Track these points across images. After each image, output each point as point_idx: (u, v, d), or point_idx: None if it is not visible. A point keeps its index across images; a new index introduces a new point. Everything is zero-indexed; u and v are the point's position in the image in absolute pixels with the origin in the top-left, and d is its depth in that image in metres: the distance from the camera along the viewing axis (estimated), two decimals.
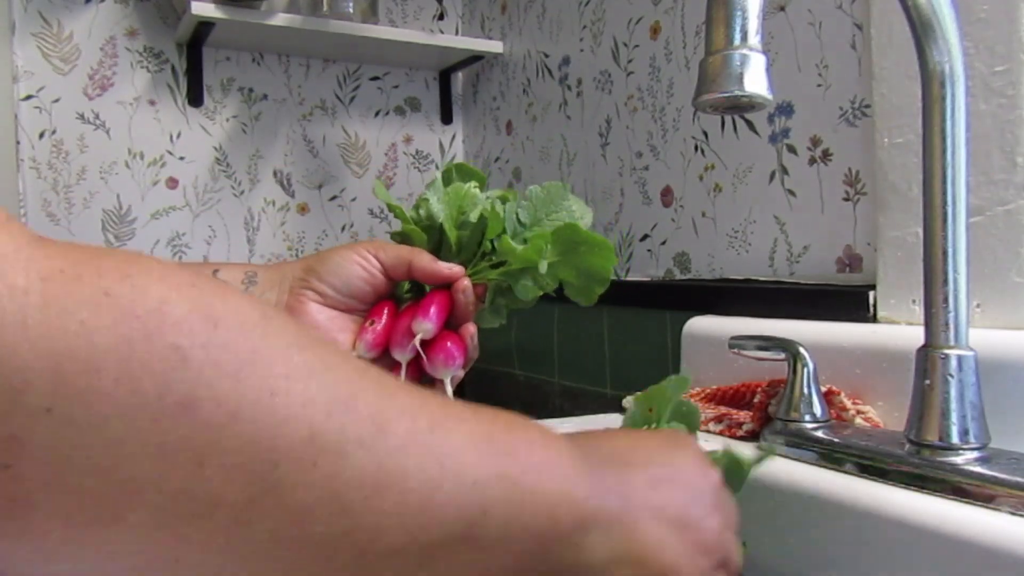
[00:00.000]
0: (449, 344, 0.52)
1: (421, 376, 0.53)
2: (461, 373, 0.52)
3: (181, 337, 0.21)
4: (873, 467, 0.49)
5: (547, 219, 0.56)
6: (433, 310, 0.52)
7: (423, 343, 0.52)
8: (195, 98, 1.43)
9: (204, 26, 1.31)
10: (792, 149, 0.85)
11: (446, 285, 0.54)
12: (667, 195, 1.05)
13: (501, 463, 0.29)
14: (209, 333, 0.22)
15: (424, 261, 0.54)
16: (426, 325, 0.51)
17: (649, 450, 0.37)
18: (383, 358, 0.53)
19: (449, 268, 0.54)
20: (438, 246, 0.57)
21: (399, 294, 0.57)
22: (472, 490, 0.27)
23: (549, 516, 0.30)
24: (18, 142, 1.31)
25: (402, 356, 0.51)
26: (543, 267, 0.54)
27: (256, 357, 0.23)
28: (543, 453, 0.31)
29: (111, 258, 0.22)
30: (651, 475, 0.35)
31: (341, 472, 0.24)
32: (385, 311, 0.53)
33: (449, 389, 0.51)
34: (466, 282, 0.54)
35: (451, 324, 0.54)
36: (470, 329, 0.53)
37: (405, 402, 0.27)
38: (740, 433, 0.62)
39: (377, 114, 1.60)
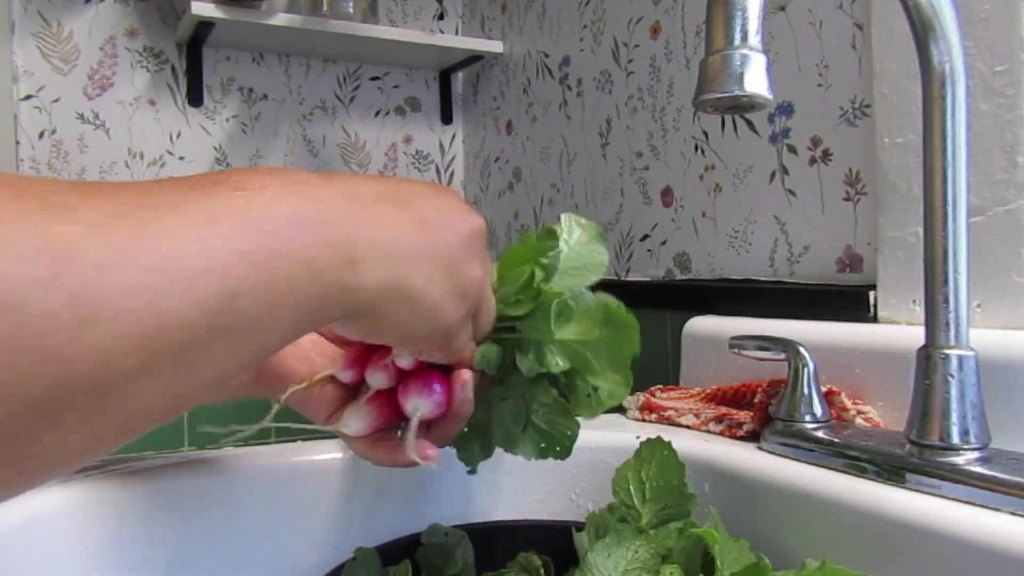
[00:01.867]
0: (434, 382, 0.43)
1: (394, 417, 0.45)
2: (436, 413, 0.43)
3: None
4: (873, 467, 0.49)
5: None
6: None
7: (405, 374, 0.44)
8: (195, 98, 1.43)
9: (204, 26, 1.31)
10: (792, 149, 0.85)
11: None
12: (667, 195, 1.05)
13: (236, 240, 0.26)
14: None
15: None
16: (403, 358, 0.43)
17: (414, 192, 0.36)
18: (358, 385, 0.45)
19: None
20: None
21: None
22: (208, 281, 0.24)
23: (310, 271, 0.28)
24: (18, 142, 1.31)
25: (375, 379, 0.43)
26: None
27: None
28: (287, 208, 0.28)
29: None
30: (418, 216, 0.35)
31: (22, 320, 0.21)
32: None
33: (414, 426, 0.42)
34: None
35: (447, 368, 0.44)
36: (463, 375, 0.44)
37: (89, 212, 0.23)
38: (740, 433, 0.62)
39: (377, 114, 1.60)
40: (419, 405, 0.43)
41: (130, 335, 0.23)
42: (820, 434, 0.54)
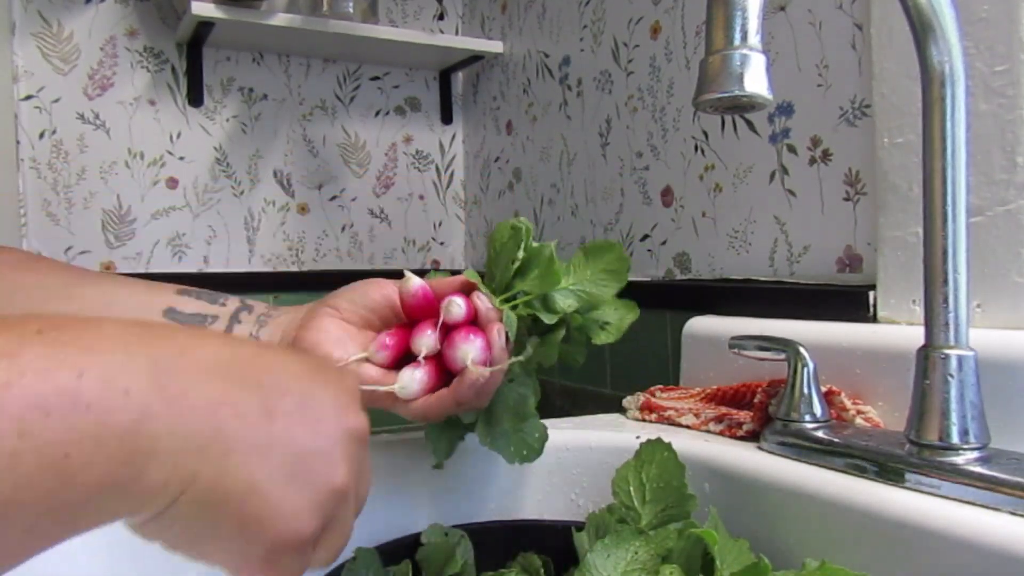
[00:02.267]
0: (473, 330, 0.48)
1: (440, 379, 0.49)
2: (482, 358, 0.47)
3: None
4: (873, 467, 0.49)
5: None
6: (462, 299, 0.49)
7: (447, 332, 0.49)
8: (195, 98, 1.43)
9: (204, 26, 1.31)
10: (792, 149, 0.85)
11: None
12: (667, 195, 1.05)
13: (31, 458, 0.22)
14: None
15: (442, 279, 0.52)
16: (456, 301, 0.48)
17: (283, 373, 0.30)
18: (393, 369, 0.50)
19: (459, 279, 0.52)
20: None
21: None
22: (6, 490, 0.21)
23: (56, 473, 0.23)
24: (18, 142, 1.31)
25: (424, 344, 0.48)
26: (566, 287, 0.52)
27: None
28: (38, 386, 0.22)
29: None
30: (268, 403, 0.28)
31: None
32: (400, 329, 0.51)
33: (470, 363, 0.47)
34: (483, 293, 0.50)
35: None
36: (496, 325, 0.49)
37: None
38: (740, 433, 0.62)
39: (377, 114, 1.60)
40: (468, 351, 0.47)
41: None
42: (820, 434, 0.54)
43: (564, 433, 0.64)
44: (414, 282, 0.50)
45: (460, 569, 0.50)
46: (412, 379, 0.48)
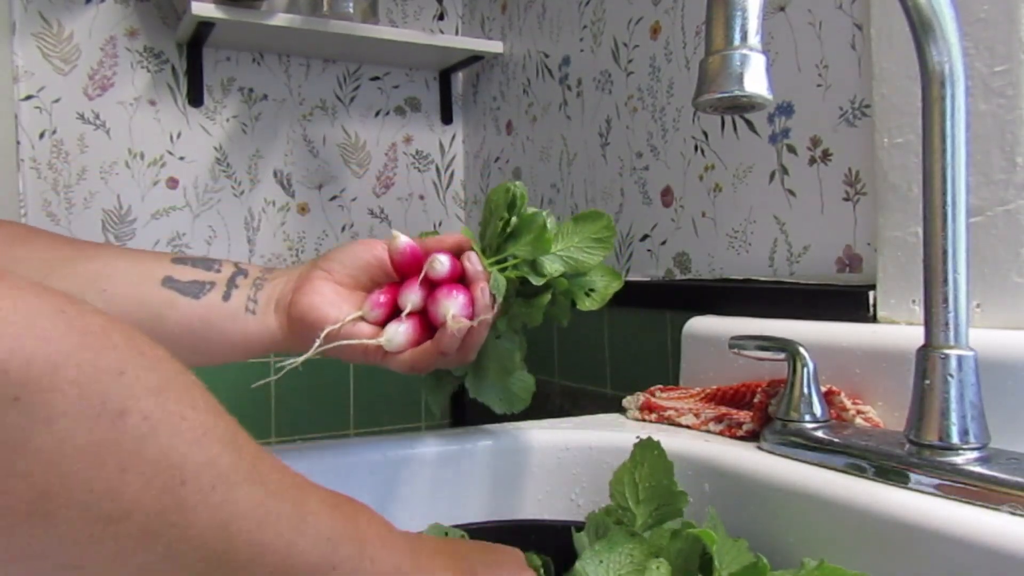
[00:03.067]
0: (456, 287, 0.52)
1: (424, 333, 0.53)
2: (464, 312, 0.51)
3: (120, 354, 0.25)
4: (873, 467, 0.49)
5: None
6: (447, 256, 0.52)
7: (431, 288, 0.52)
8: (195, 98, 1.43)
9: (204, 26, 1.31)
10: (792, 149, 0.85)
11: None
12: (667, 195, 1.05)
13: (350, 528, 0.32)
14: (137, 356, 0.25)
15: (433, 238, 0.56)
16: (440, 259, 0.52)
17: (471, 549, 0.40)
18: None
19: (453, 239, 0.55)
20: None
21: None
22: (326, 545, 0.30)
23: None
24: (18, 142, 1.31)
25: (410, 299, 0.52)
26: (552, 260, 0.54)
27: (172, 384, 0.26)
28: (381, 526, 0.34)
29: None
30: (469, 566, 0.38)
31: (233, 502, 0.27)
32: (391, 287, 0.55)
33: (450, 318, 0.50)
34: (472, 253, 0.54)
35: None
36: (480, 282, 0.52)
37: (273, 459, 0.30)
38: (740, 433, 0.62)
39: (377, 114, 1.60)
40: (449, 306, 0.50)
41: None
42: (820, 434, 0.54)
43: (564, 433, 0.64)
44: (401, 240, 0.53)
45: None
46: (397, 332, 0.51)
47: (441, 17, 1.66)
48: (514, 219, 0.54)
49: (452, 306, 0.50)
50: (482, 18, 1.59)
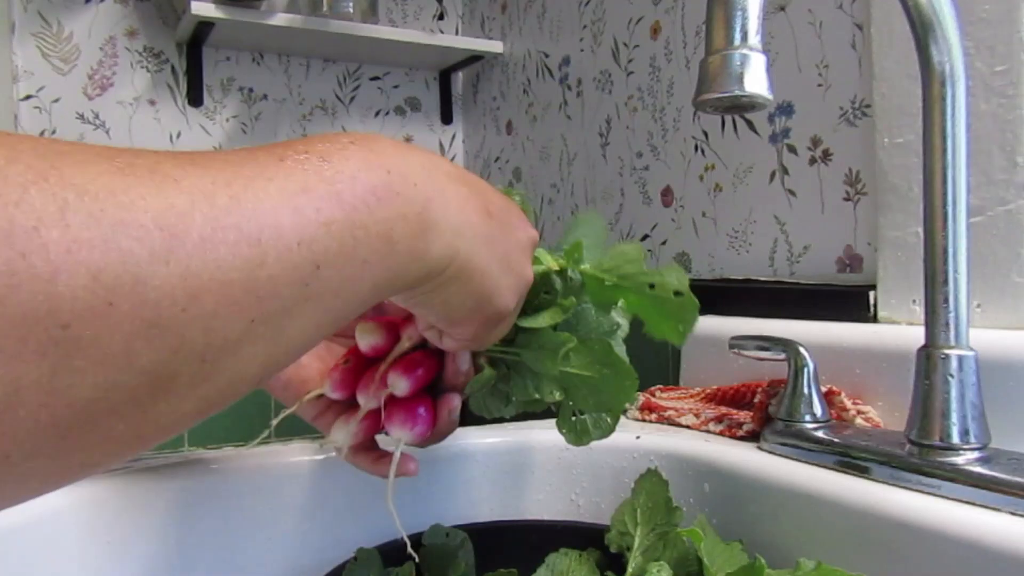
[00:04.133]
0: (420, 409, 0.45)
1: (378, 428, 0.46)
2: (417, 442, 0.45)
3: None
4: (873, 467, 0.49)
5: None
6: (419, 371, 0.44)
7: (393, 398, 0.44)
8: (195, 98, 1.43)
9: (204, 26, 1.31)
10: (792, 149, 0.85)
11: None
12: (667, 195, 1.05)
13: (324, 211, 0.27)
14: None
15: None
16: (401, 383, 0.44)
17: (484, 185, 0.37)
18: (350, 401, 0.46)
19: None
20: None
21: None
22: (298, 252, 0.26)
23: (387, 242, 0.29)
24: None
25: (365, 401, 0.45)
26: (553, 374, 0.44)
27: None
28: (369, 179, 0.29)
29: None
30: (486, 205, 0.36)
31: (144, 295, 0.22)
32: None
33: (396, 456, 0.44)
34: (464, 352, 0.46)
35: (439, 389, 0.46)
36: (451, 401, 0.46)
37: (193, 183, 0.24)
38: (740, 433, 0.62)
39: (377, 114, 1.60)
40: (402, 436, 0.44)
41: (231, 305, 0.24)
42: (820, 434, 0.54)
43: None
44: (366, 341, 0.46)
45: (463, 572, 0.50)
46: (342, 433, 0.45)
47: (441, 17, 1.66)
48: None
49: (404, 436, 0.44)
50: (482, 18, 1.59)
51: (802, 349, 0.57)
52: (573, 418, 0.47)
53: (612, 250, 0.46)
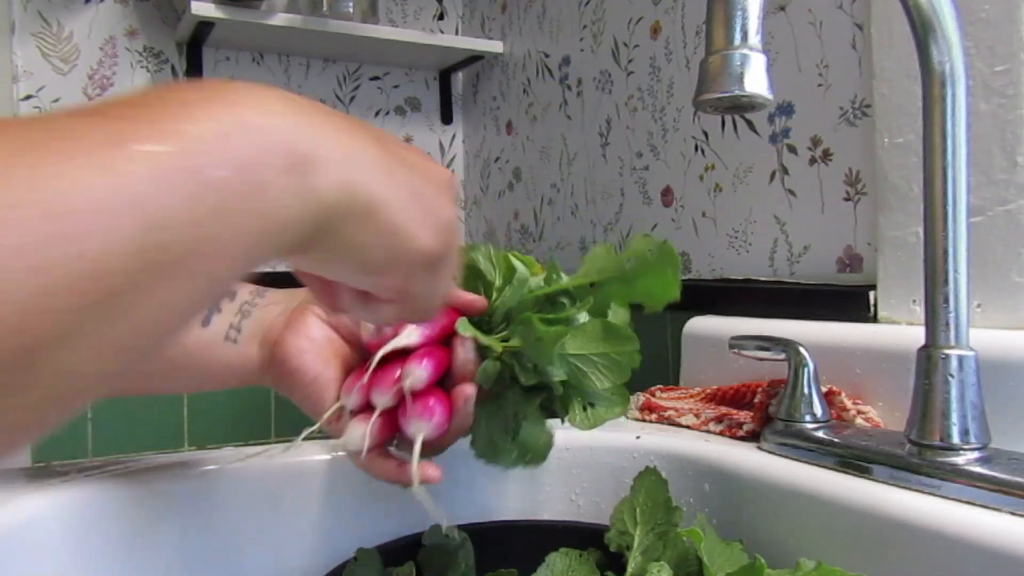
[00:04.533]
0: (432, 401, 0.44)
1: (394, 431, 0.46)
2: (436, 435, 0.44)
3: None
4: (873, 467, 0.49)
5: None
6: (427, 361, 0.44)
7: (410, 394, 0.44)
8: None
9: (204, 26, 1.31)
10: (792, 149, 0.85)
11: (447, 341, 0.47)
12: (667, 195, 1.05)
13: (147, 162, 0.22)
14: None
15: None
16: (418, 372, 0.44)
17: (386, 134, 0.33)
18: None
19: (468, 297, 0.47)
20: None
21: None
22: (131, 218, 0.21)
23: (249, 182, 0.25)
24: None
25: (380, 400, 0.44)
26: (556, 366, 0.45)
27: None
28: (218, 118, 0.24)
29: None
30: (385, 145, 0.31)
31: None
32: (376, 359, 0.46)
33: (417, 449, 0.43)
34: (468, 337, 0.46)
35: (448, 384, 0.47)
36: (466, 391, 0.45)
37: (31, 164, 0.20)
38: (740, 433, 0.62)
39: (377, 114, 1.60)
40: (421, 427, 0.44)
41: (44, 295, 0.20)
42: (820, 434, 0.54)
43: (564, 433, 0.64)
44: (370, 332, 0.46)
45: (463, 572, 0.50)
46: (356, 435, 0.45)
47: (441, 17, 1.66)
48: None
49: (423, 428, 0.44)
50: (482, 18, 1.59)
51: (802, 349, 0.57)
52: (585, 410, 0.48)
53: (586, 259, 0.48)
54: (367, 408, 0.45)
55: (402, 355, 0.46)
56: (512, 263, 0.48)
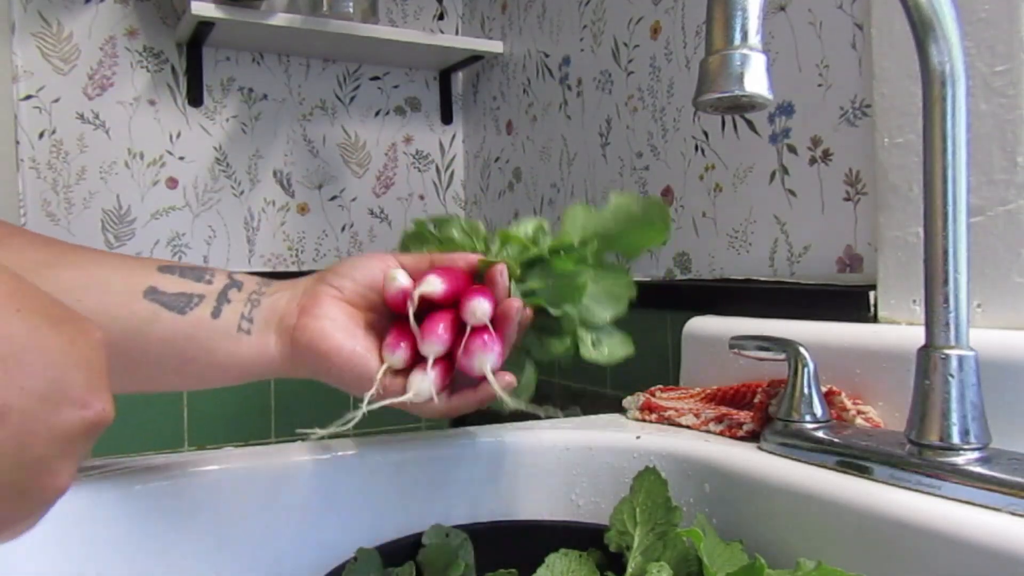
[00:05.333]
0: (486, 336, 0.48)
1: (450, 374, 0.49)
2: (499, 363, 0.48)
3: None
4: (873, 468, 0.49)
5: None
6: (483, 297, 0.49)
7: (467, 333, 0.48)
8: (195, 98, 1.43)
9: (204, 26, 1.31)
10: (792, 149, 0.85)
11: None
12: (667, 195, 1.05)
13: None
14: None
15: (446, 255, 0.51)
16: (484, 305, 0.48)
17: (33, 351, 0.24)
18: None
19: (472, 255, 0.52)
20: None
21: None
22: None
23: None
24: (18, 142, 1.31)
25: (431, 349, 0.48)
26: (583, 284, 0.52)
27: None
28: None
29: None
30: (10, 389, 0.23)
31: None
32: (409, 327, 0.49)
33: (494, 384, 0.47)
34: (500, 265, 0.50)
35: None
36: (515, 302, 0.49)
37: None
38: (740, 433, 0.62)
39: (377, 114, 1.60)
40: (486, 359, 0.48)
41: None
42: (820, 434, 0.54)
43: (564, 433, 0.64)
44: (398, 284, 0.49)
45: (463, 572, 0.50)
46: (423, 385, 0.48)
47: (441, 17, 1.66)
48: (549, 255, 0.52)
49: (489, 360, 0.48)
50: (482, 18, 1.59)
51: (802, 349, 0.57)
52: (591, 343, 0.54)
53: (566, 219, 0.56)
54: (413, 363, 0.49)
55: (429, 310, 0.49)
56: (479, 230, 0.56)
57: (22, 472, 0.23)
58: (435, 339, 0.48)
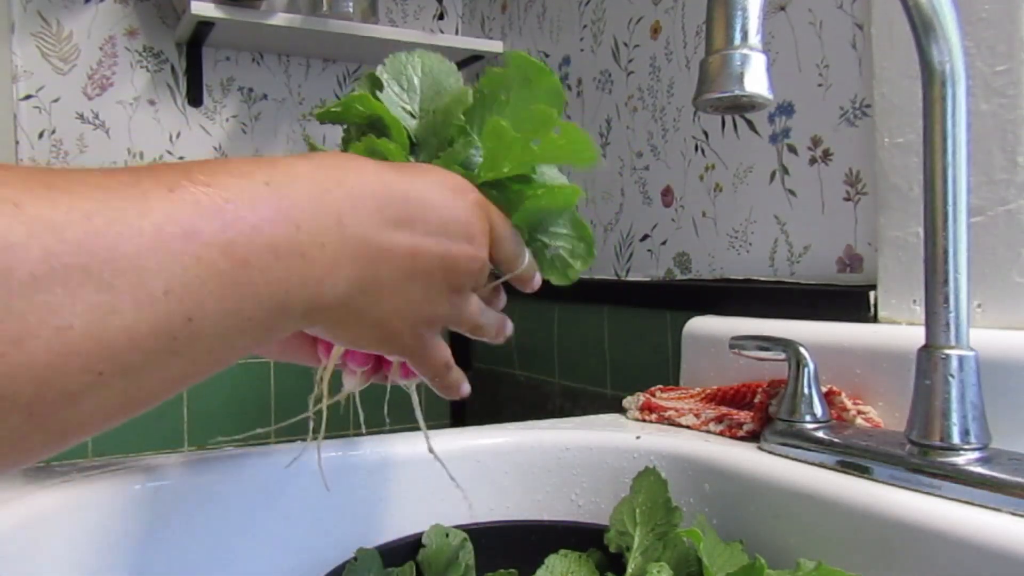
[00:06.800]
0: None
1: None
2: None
3: None
4: (873, 468, 0.49)
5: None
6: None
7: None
8: (195, 98, 1.43)
9: (204, 26, 1.31)
10: (792, 149, 0.85)
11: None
12: (667, 195, 1.05)
13: (206, 261, 0.23)
14: None
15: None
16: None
17: (423, 203, 0.33)
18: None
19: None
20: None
21: None
22: (165, 302, 0.22)
23: (274, 302, 0.26)
24: (17, 142, 1.30)
25: (350, 384, 0.48)
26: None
27: None
28: (273, 233, 0.26)
29: None
30: (415, 241, 0.32)
31: None
32: None
33: (416, 404, 0.48)
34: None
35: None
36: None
37: (40, 211, 0.20)
38: (740, 433, 0.62)
39: None
40: (409, 384, 0.48)
41: (70, 355, 0.20)
42: (820, 434, 0.54)
43: (564, 433, 0.64)
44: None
45: (463, 572, 0.50)
46: (350, 383, 0.47)
47: (441, 17, 1.66)
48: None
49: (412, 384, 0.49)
50: (482, 18, 1.59)
51: (802, 349, 0.57)
52: (549, 255, 0.48)
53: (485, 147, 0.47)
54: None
55: None
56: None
57: (419, 308, 0.34)
58: (352, 375, 0.48)
